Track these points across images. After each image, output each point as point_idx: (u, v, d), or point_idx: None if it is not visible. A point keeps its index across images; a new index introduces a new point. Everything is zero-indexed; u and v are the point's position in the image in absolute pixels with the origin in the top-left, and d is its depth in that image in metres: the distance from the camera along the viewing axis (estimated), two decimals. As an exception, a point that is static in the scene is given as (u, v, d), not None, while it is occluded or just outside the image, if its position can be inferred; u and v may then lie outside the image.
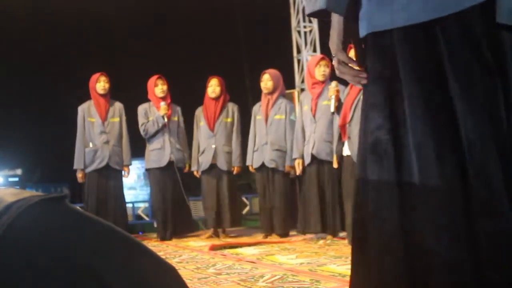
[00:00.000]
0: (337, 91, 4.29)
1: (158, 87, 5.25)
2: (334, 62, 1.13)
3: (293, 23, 8.61)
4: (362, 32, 1.03)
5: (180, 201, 5.26)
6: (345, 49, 1.11)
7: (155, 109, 5.25)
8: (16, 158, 11.93)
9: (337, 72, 1.14)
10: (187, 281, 1.82)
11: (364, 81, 1.06)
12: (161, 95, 5.24)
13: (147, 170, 5.41)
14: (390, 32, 0.95)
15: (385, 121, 0.97)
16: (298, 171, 4.81)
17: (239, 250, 4.03)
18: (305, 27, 8.58)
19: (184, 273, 2.88)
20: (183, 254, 3.91)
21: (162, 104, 5.17)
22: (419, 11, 0.90)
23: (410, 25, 0.92)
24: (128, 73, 5.32)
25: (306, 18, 8.62)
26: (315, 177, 4.65)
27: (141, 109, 5.33)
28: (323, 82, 4.72)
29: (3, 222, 0.73)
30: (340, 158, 4.35)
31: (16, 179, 11.36)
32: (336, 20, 1.08)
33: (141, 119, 5.29)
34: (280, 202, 4.97)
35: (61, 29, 10.42)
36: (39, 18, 9.47)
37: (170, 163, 5.20)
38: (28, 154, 12.05)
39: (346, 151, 4.23)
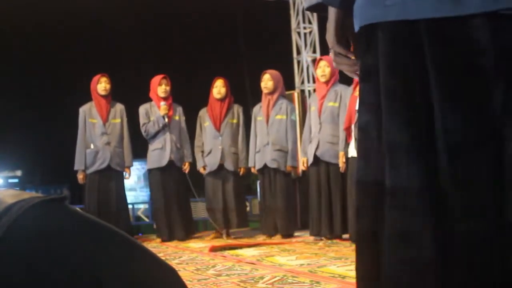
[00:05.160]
0: None
1: (161, 87, 5.24)
2: (331, 54, 1.13)
3: (293, 24, 8.61)
4: (356, 26, 1.02)
5: (181, 201, 5.25)
6: (343, 42, 1.11)
7: (156, 109, 5.24)
8: (16, 159, 11.93)
9: (334, 64, 1.15)
10: (187, 283, 1.82)
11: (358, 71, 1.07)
12: (163, 95, 5.24)
13: (148, 170, 5.39)
14: (380, 26, 0.94)
15: (370, 118, 0.95)
16: (303, 168, 4.84)
17: (239, 251, 4.02)
18: (305, 28, 8.58)
19: (184, 274, 2.88)
20: (183, 255, 3.91)
21: (163, 104, 5.17)
22: (412, 8, 0.89)
23: (400, 20, 0.90)
24: (129, 74, 5.32)
25: (306, 19, 8.63)
26: (316, 178, 4.63)
27: (142, 109, 5.33)
28: (325, 83, 4.67)
29: (3, 224, 0.73)
30: (346, 159, 4.34)
31: (16, 180, 11.36)
32: (333, 13, 1.09)
33: (142, 120, 5.29)
34: (282, 203, 4.96)
35: (61, 31, 10.42)
36: (39, 20, 9.46)
37: (171, 162, 5.19)
38: (28, 156, 12.05)
39: (351, 152, 4.22)
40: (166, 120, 5.17)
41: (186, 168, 5.31)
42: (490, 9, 0.84)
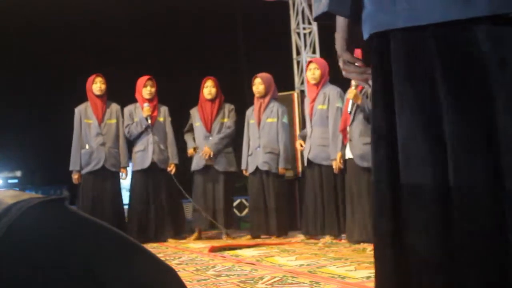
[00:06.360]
0: (355, 95, 4.04)
1: (146, 88, 5.23)
2: (340, 63, 1.14)
3: (293, 24, 8.61)
4: (365, 34, 1.03)
5: (167, 203, 5.18)
6: (351, 50, 1.12)
7: (140, 110, 5.23)
8: (15, 160, 11.92)
9: (343, 72, 1.15)
10: (187, 283, 1.82)
11: (369, 79, 1.08)
12: (148, 96, 5.23)
13: (133, 172, 5.33)
14: (391, 33, 0.95)
15: (382, 122, 0.97)
16: (300, 147, 4.93)
17: (238, 252, 4.02)
18: (304, 28, 8.58)
19: (184, 275, 2.88)
20: (183, 255, 3.91)
21: (146, 105, 5.17)
22: (420, 14, 0.90)
23: (410, 27, 0.92)
24: (127, 73, 5.34)
25: (306, 20, 8.63)
26: (311, 181, 4.71)
27: (127, 110, 5.33)
28: (315, 85, 4.74)
29: (3, 224, 0.73)
30: (344, 161, 4.37)
31: (16, 181, 11.35)
32: (340, 22, 1.10)
33: (126, 121, 5.28)
34: (275, 204, 5.01)
35: (59, 32, 10.42)
36: (37, 21, 9.47)
37: (153, 164, 5.16)
38: (28, 156, 12.04)
39: (348, 154, 4.24)
40: (149, 121, 5.15)
41: (171, 169, 5.24)
42: (500, 12, 0.84)
